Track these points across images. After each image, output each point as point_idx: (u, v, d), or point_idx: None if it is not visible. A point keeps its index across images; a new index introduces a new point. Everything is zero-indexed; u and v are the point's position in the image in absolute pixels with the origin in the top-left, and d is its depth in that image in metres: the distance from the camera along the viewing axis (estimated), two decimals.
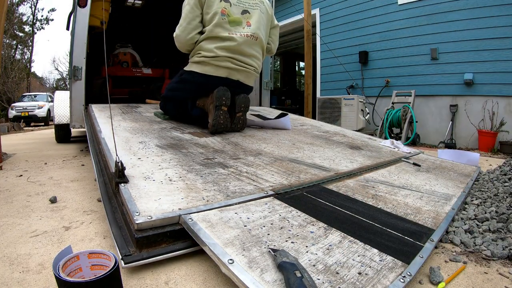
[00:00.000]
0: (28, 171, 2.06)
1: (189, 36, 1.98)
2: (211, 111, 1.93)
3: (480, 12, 4.10)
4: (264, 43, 2.16)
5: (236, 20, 2.01)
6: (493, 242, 0.96)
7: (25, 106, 10.72)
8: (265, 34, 2.17)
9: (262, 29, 2.11)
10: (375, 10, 5.34)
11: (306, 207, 1.03)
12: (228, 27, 1.97)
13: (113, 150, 1.29)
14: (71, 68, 2.59)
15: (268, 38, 2.30)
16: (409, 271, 0.71)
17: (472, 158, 2.26)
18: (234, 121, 2.03)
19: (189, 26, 1.97)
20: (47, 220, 1.16)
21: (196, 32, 1.99)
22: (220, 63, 1.96)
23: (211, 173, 1.25)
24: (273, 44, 2.38)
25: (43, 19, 18.97)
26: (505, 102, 3.99)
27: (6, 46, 14.65)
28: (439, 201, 1.23)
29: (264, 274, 0.66)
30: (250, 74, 2.10)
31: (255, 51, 2.08)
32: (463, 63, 4.30)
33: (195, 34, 1.99)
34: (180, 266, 0.83)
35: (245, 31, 2.01)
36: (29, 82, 18.03)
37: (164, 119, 2.30)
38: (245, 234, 0.82)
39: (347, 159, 1.71)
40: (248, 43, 2.01)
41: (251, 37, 2.02)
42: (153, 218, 0.86)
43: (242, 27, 2.02)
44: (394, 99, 4.86)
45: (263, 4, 2.17)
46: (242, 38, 1.98)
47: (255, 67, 2.10)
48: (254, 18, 2.07)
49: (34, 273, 0.80)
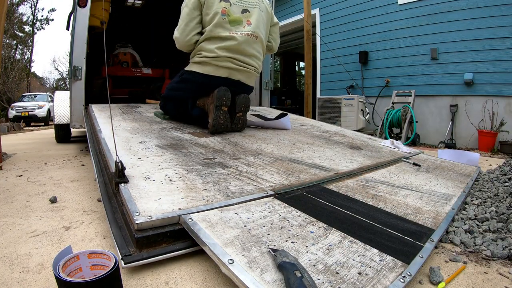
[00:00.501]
0: (28, 171, 2.06)
1: (188, 38, 1.98)
2: (211, 111, 1.93)
3: (480, 12, 4.10)
4: (264, 42, 2.16)
5: (237, 20, 2.01)
6: (493, 242, 0.96)
7: (25, 106, 10.72)
8: (265, 33, 2.17)
9: (261, 27, 2.11)
10: (375, 10, 5.34)
11: (306, 207, 1.03)
12: (229, 26, 1.97)
13: (113, 150, 1.29)
14: (71, 68, 2.58)
15: (269, 36, 2.30)
16: (409, 271, 0.71)
17: (472, 158, 2.26)
18: (234, 121, 2.03)
19: (187, 28, 1.98)
20: (47, 220, 1.16)
21: (194, 33, 1.99)
22: (221, 63, 1.96)
23: (211, 173, 1.25)
24: (274, 42, 2.38)
25: (43, 19, 18.97)
26: (505, 102, 3.99)
27: (6, 46, 14.65)
28: (439, 201, 1.23)
29: (264, 274, 0.66)
30: (250, 74, 2.10)
31: (256, 50, 2.08)
32: (463, 63, 4.30)
33: (193, 35, 1.99)
34: (180, 266, 0.83)
35: (245, 30, 2.01)
36: (29, 82, 18.04)
37: (164, 119, 2.30)
38: (245, 234, 0.82)
39: (347, 159, 1.71)
40: (248, 42, 2.01)
41: (252, 36, 2.02)
42: (153, 218, 0.86)
43: (243, 26, 2.02)
44: (394, 99, 4.86)
45: (262, 2, 2.17)
46: (242, 37, 1.98)
47: (255, 67, 2.10)
48: (254, 16, 2.07)
49: (34, 273, 0.80)
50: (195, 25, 1.99)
